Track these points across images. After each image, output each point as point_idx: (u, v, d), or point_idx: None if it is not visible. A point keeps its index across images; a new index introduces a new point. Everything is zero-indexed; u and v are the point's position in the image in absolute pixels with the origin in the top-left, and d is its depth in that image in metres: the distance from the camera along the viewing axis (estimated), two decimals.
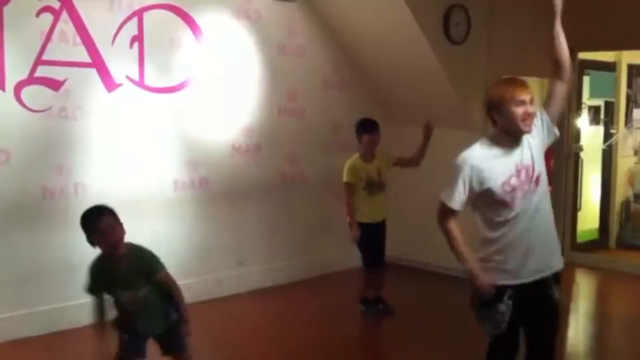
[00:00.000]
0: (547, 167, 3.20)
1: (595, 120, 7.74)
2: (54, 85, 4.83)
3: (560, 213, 7.15)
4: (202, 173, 5.67)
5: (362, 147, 5.24)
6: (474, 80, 6.04)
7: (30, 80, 4.73)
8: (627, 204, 7.87)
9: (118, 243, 3.26)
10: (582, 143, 7.35)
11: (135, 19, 5.18)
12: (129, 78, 5.20)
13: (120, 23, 5.11)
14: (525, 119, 2.95)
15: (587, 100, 7.45)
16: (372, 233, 5.21)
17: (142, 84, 5.28)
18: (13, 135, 4.69)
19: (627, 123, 7.80)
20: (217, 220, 5.78)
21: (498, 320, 3.07)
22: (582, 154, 7.33)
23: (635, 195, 7.88)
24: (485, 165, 3.00)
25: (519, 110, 2.94)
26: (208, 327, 5.08)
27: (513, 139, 3.02)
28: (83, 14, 4.90)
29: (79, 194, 4.93)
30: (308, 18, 6.29)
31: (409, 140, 5.28)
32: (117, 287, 3.30)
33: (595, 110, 7.73)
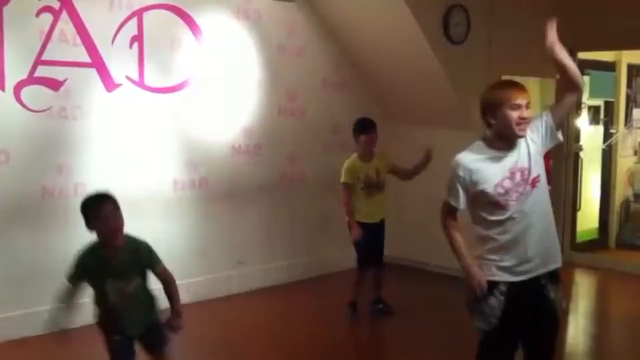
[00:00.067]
0: (546, 167, 3.19)
1: (595, 120, 7.75)
2: (54, 85, 4.84)
3: (560, 213, 7.15)
4: (202, 173, 5.68)
5: (359, 147, 5.24)
6: (474, 81, 6.02)
7: (30, 80, 4.73)
8: (626, 204, 7.88)
9: (118, 231, 3.24)
10: (582, 143, 7.35)
11: (135, 19, 5.18)
12: (129, 78, 5.20)
13: (120, 23, 5.11)
14: (520, 124, 2.94)
15: (587, 100, 7.45)
16: (370, 233, 5.20)
17: (141, 84, 5.28)
18: (13, 135, 4.70)
19: (627, 123, 7.81)
20: (217, 220, 5.79)
21: (487, 314, 3.05)
22: (582, 154, 7.33)
23: (635, 195, 7.89)
24: (478, 167, 3.01)
25: (514, 115, 2.93)
26: (208, 327, 5.08)
27: (507, 142, 3.01)
28: (83, 14, 4.90)
29: (79, 194, 4.89)
30: (308, 18, 6.29)
31: (409, 140, 5.29)
32: (108, 275, 3.24)
33: (595, 110, 7.74)
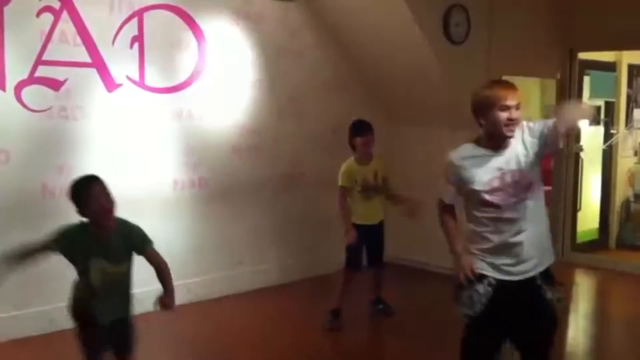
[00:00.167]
0: (546, 167, 3.20)
1: (596, 121, 7.75)
2: (54, 85, 4.84)
3: (560, 213, 7.16)
4: (201, 173, 5.68)
5: (357, 149, 5.14)
6: (474, 81, 5.99)
7: (31, 80, 4.74)
8: (627, 204, 7.88)
9: (110, 211, 3.23)
10: (582, 143, 7.34)
11: (136, 19, 5.19)
12: (129, 78, 5.21)
13: (121, 23, 5.12)
14: (508, 125, 2.95)
15: (587, 100, 7.44)
16: (369, 234, 5.17)
17: (142, 84, 5.28)
18: (13, 135, 4.70)
19: (627, 123, 7.81)
20: (216, 220, 5.79)
21: (474, 300, 3.02)
22: (582, 154, 7.33)
23: (635, 196, 7.89)
24: (467, 165, 3.04)
25: (503, 115, 2.94)
26: (208, 327, 5.09)
27: (497, 143, 3.01)
28: (83, 14, 4.91)
29: None
30: (308, 19, 6.29)
31: (409, 141, 5.27)
32: (95, 253, 3.22)
33: (596, 110, 7.73)
